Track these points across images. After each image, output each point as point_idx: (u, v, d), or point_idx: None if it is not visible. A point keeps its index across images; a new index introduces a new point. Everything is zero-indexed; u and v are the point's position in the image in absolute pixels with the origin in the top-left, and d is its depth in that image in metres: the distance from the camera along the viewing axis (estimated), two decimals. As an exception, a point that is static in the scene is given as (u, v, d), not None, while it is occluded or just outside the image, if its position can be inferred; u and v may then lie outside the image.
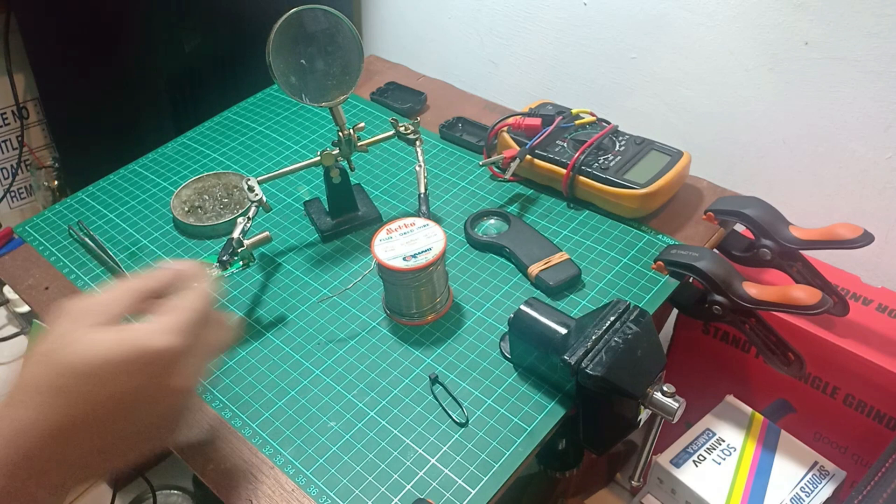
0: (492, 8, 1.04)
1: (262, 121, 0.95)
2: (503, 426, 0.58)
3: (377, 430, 0.58)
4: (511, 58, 1.06)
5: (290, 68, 0.66)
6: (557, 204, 0.79)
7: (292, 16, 0.65)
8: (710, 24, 0.83)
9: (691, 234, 0.74)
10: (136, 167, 0.89)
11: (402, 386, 0.61)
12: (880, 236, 0.65)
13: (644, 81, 0.93)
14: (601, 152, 0.77)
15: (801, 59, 0.78)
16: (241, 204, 0.80)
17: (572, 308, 0.67)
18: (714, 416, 0.70)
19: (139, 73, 0.97)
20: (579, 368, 0.53)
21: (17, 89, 1.14)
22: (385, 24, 1.21)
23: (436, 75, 1.01)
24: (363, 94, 0.98)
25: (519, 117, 0.81)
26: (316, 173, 0.85)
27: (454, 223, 0.77)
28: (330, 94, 0.69)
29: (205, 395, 0.62)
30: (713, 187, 0.80)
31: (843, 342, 0.67)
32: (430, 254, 0.62)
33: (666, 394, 0.54)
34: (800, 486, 0.63)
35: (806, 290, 0.61)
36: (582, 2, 0.93)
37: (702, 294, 0.67)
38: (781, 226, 0.68)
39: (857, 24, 0.73)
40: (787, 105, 0.82)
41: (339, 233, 0.76)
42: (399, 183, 0.83)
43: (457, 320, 0.67)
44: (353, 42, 0.68)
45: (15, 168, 1.20)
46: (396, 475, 0.55)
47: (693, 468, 0.65)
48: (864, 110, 0.77)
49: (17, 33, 1.08)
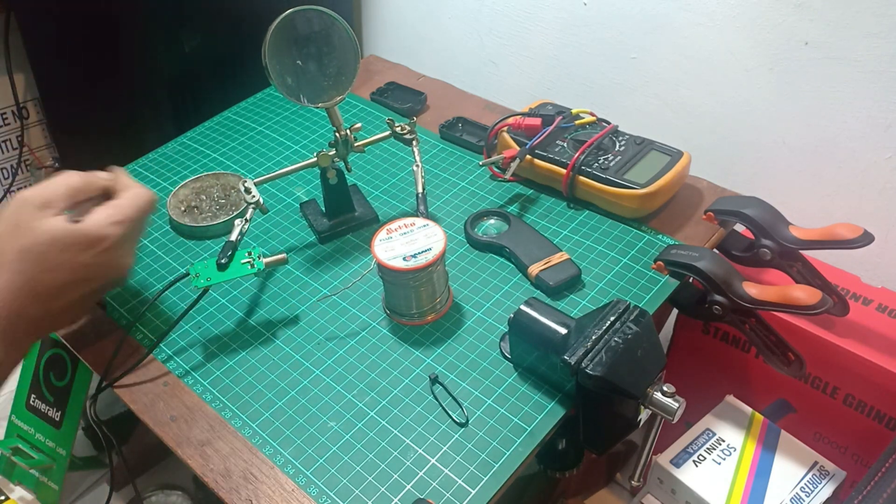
0: (492, 8, 1.04)
1: (261, 121, 0.95)
2: (503, 426, 0.58)
3: (377, 430, 0.58)
4: (511, 58, 1.06)
5: (287, 69, 0.66)
6: (557, 204, 0.79)
7: (288, 17, 0.65)
8: (710, 24, 0.83)
9: (691, 234, 0.74)
10: (135, 167, 0.89)
11: (402, 386, 0.61)
12: (880, 236, 0.65)
13: (644, 81, 0.93)
14: (601, 152, 0.77)
15: (801, 59, 0.78)
16: (238, 205, 0.80)
17: (572, 308, 0.67)
18: (714, 416, 0.70)
19: (139, 73, 0.97)
20: (579, 368, 0.53)
21: (17, 89, 1.14)
22: (385, 24, 1.21)
23: (436, 75, 1.01)
24: (363, 94, 0.98)
25: (519, 117, 0.81)
26: (314, 174, 0.85)
27: (454, 223, 0.77)
28: (326, 94, 0.69)
29: (205, 395, 0.62)
30: (713, 187, 0.80)
31: (843, 342, 0.67)
32: (430, 254, 0.62)
33: (666, 394, 0.54)
34: (800, 486, 0.63)
35: (806, 290, 0.61)
36: (582, 2, 0.93)
37: (702, 294, 0.67)
38: (781, 226, 0.68)
39: (857, 24, 0.73)
40: (787, 105, 0.82)
41: (336, 234, 0.76)
42: (399, 183, 0.83)
43: (457, 320, 0.67)
44: (349, 43, 0.68)
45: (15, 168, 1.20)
46: (396, 475, 0.55)
47: (693, 468, 0.65)
48: (865, 110, 0.77)
49: (17, 33, 1.08)
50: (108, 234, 0.55)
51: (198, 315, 0.69)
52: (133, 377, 0.64)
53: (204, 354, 0.65)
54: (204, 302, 0.69)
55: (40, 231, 0.53)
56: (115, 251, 0.57)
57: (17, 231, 0.53)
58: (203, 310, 0.69)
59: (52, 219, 0.54)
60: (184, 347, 0.66)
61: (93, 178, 0.58)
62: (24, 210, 0.54)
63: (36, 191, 0.55)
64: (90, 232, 0.54)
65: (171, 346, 0.66)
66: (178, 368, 0.64)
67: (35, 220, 0.53)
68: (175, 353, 0.65)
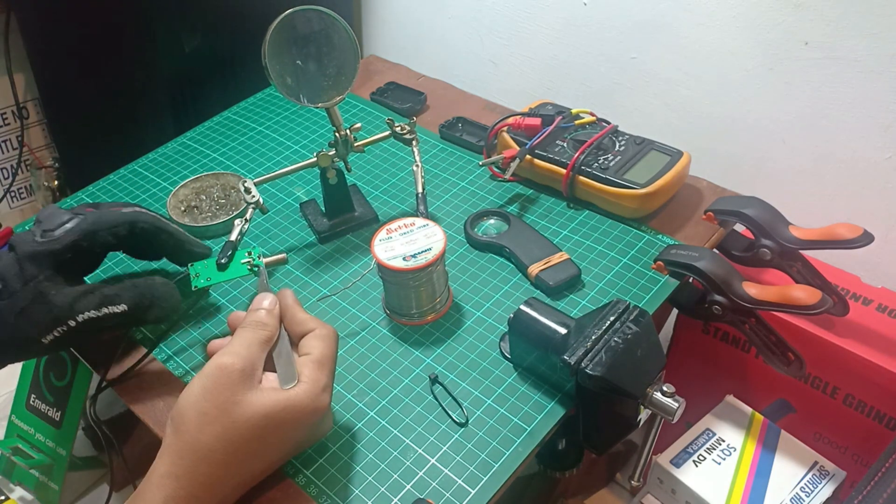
0: (492, 8, 1.04)
1: (262, 121, 0.95)
2: (503, 426, 0.57)
3: (377, 430, 0.58)
4: (511, 58, 1.06)
5: (287, 70, 0.66)
6: (557, 204, 0.79)
7: (287, 17, 0.65)
8: (710, 24, 0.83)
9: (691, 234, 0.74)
10: (136, 167, 0.89)
11: (402, 386, 0.61)
12: (880, 236, 0.65)
13: (644, 81, 0.93)
14: (601, 152, 0.77)
15: (801, 59, 0.78)
16: (238, 205, 0.80)
17: (572, 308, 0.67)
18: (714, 416, 0.70)
19: (139, 73, 0.97)
20: (579, 368, 0.53)
21: (17, 89, 1.14)
22: (385, 24, 1.21)
23: (436, 75, 1.01)
24: (363, 94, 0.98)
25: (519, 117, 0.81)
26: (314, 174, 0.85)
27: (454, 223, 0.77)
28: (326, 94, 0.68)
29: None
30: (713, 187, 0.80)
31: (843, 342, 0.67)
32: (429, 254, 0.62)
33: (666, 394, 0.54)
34: (800, 486, 0.63)
35: (806, 290, 0.61)
36: (582, 2, 0.93)
37: (702, 294, 0.67)
38: (781, 226, 0.68)
39: (857, 24, 0.73)
40: (787, 105, 0.82)
41: (336, 234, 0.76)
42: (399, 183, 0.83)
43: (457, 320, 0.67)
44: (349, 43, 0.68)
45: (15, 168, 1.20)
46: (396, 475, 0.55)
47: (693, 468, 0.65)
48: (864, 110, 0.77)
49: (17, 33, 1.08)
50: (322, 405, 0.50)
51: (198, 315, 0.69)
52: (133, 377, 0.64)
53: (204, 354, 0.65)
54: (204, 302, 0.69)
55: (251, 411, 0.47)
56: (327, 416, 0.54)
57: (224, 415, 0.47)
58: (203, 310, 0.69)
59: (260, 393, 0.48)
60: (184, 347, 0.66)
61: (269, 318, 0.53)
62: (227, 384, 0.48)
63: (233, 356, 0.49)
64: (305, 407, 0.49)
65: (171, 346, 0.66)
66: (178, 368, 0.64)
67: (242, 395, 0.48)
68: (175, 353, 0.65)
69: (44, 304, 0.55)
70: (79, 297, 0.56)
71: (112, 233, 0.60)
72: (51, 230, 0.58)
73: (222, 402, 0.47)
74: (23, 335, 0.55)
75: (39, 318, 0.55)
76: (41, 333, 0.55)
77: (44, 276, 0.56)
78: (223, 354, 0.49)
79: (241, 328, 0.52)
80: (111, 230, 0.60)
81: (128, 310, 0.58)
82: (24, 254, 0.56)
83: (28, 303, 0.55)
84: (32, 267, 0.56)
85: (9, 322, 0.55)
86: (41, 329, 0.55)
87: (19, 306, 0.55)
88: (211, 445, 0.47)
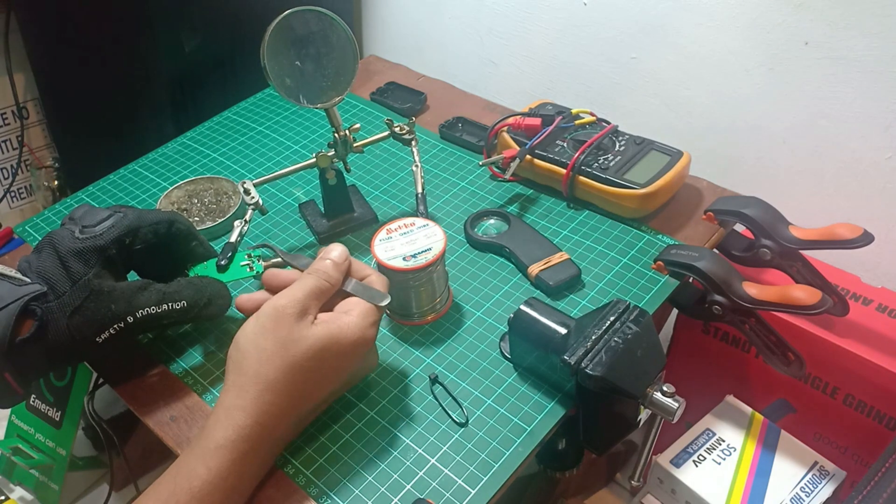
0: (492, 8, 1.04)
1: (262, 121, 0.95)
2: (503, 426, 0.58)
3: (377, 430, 0.58)
4: (511, 58, 1.06)
5: (285, 70, 0.66)
6: (557, 204, 0.79)
7: (285, 18, 0.65)
8: (710, 24, 0.83)
9: (691, 234, 0.74)
10: (135, 167, 0.89)
11: (402, 386, 0.61)
12: (880, 236, 0.65)
13: (644, 81, 0.93)
14: (601, 152, 0.77)
15: (801, 59, 0.78)
16: (226, 211, 0.79)
17: (572, 308, 0.67)
18: (714, 416, 0.70)
19: (139, 73, 0.97)
20: (579, 368, 0.53)
21: (17, 89, 1.14)
22: (385, 24, 1.21)
23: (436, 75, 1.01)
24: (363, 94, 0.98)
25: (519, 117, 0.81)
26: (313, 174, 0.85)
27: (454, 223, 0.77)
28: (325, 95, 0.68)
29: (204, 395, 0.62)
30: (713, 187, 0.80)
31: (843, 342, 0.67)
32: (429, 254, 0.62)
33: (666, 394, 0.54)
34: (800, 486, 0.63)
35: (806, 290, 0.61)
36: (582, 2, 0.93)
37: (702, 294, 0.67)
38: (781, 226, 0.68)
39: (857, 24, 0.73)
40: (787, 105, 0.82)
41: (336, 234, 0.76)
42: (399, 183, 0.83)
43: (457, 320, 0.67)
44: (348, 43, 0.68)
45: (15, 168, 1.21)
46: (396, 475, 0.55)
47: (693, 468, 0.65)
48: (864, 110, 0.77)
49: (17, 33, 1.08)
50: (370, 336, 0.54)
51: (198, 315, 0.69)
52: (133, 377, 0.64)
53: (204, 354, 0.65)
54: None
55: (306, 345, 0.51)
56: (373, 351, 0.59)
57: (283, 349, 0.51)
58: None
59: (314, 327, 0.52)
60: (184, 347, 0.66)
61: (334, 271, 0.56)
62: (284, 322, 0.51)
63: (289, 299, 0.52)
64: (356, 337, 0.53)
65: (171, 346, 0.66)
66: (177, 368, 0.64)
67: (298, 331, 0.51)
68: (175, 353, 0.65)
69: (100, 301, 0.54)
70: (136, 293, 0.55)
71: (153, 230, 0.59)
72: (91, 226, 0.56)
73: (281, 338, 0.51)
74: (79, 336, 0.53)
75: (96, 317, 0.54)
76: (97, 332, 0.54)
77: (93, 273, 0.54)
78: (281, 297, 0.53)
79: (306, 274, 0.55)
80: (152, 227, 0.59)
81: (187, 306, 0.58)
82: (67, 251, 0.54)
83: (82, 301, 0.53)
84: (79, 264, 0.54)
85: (61, 324, 0.53)
86: (97, 328, 0.54)
87: (72, 306, 0.53)
88: (273, 376, 0.50)
